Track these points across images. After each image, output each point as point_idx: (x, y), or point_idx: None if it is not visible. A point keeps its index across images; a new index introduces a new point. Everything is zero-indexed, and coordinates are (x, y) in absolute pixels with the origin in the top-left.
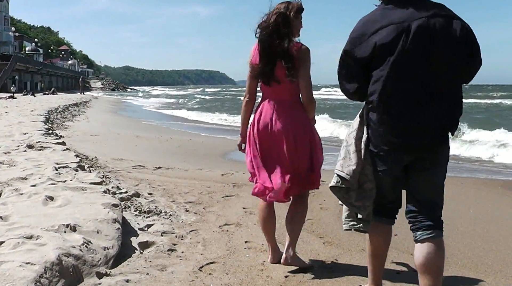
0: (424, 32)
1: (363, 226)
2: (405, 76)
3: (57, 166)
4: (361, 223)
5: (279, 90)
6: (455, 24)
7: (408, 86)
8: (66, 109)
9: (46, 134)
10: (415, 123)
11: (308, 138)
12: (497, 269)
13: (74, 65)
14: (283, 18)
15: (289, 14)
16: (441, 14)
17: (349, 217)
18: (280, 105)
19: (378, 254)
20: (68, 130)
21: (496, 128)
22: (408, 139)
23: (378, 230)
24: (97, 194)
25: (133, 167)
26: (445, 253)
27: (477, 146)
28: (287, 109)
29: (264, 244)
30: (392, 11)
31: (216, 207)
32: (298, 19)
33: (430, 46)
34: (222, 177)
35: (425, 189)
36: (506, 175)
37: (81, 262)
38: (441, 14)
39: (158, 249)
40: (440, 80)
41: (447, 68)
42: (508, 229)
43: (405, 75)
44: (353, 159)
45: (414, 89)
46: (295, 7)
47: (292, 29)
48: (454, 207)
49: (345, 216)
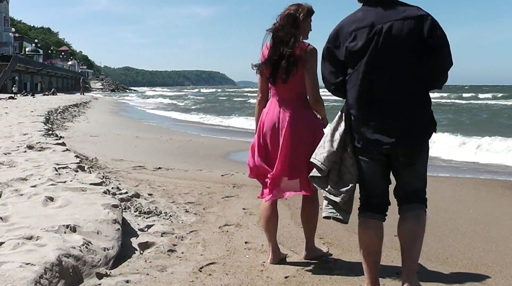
0: (394, 34)
1: (340, 215)
2: (376, 76)
3: (57, 166)
4: (339, 212)
5: (285, 89)
6: (425, 26)
7: (380, 86)
8: (66, 110)
9: (46, 135)
10: (388, 121)
11: (311, 138)
12: (497, 270)
13: (74, 66)
14: (292, 19)
15: (299, 16)
16: (411, 16)
17: (328, 205)
18: (286, 104)
19: (371, 252)
20: (68, 131)
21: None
22: (382, 136)
23: (368, 226)
24: (97, 194)
25: (133, 167)
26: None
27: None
28: (292, 108)
29: (264, 245)
30: (367, 13)
31: (216, 208)
32: (307, 21)
33: (399, 48)
34: (222, 177)
35: (407, 180)
36: (506, 175)
37: (81, 262)
38: (412, 16)
39: (158, 250)
40: (410, 81)
41: (414, 69)
42: (508, 229)
43: (376, 76)
44: (326, 146)
45: (385, 89)
46: (305, 10)
47: (300, 30)
48: (454, 208)
49: (325, 204)
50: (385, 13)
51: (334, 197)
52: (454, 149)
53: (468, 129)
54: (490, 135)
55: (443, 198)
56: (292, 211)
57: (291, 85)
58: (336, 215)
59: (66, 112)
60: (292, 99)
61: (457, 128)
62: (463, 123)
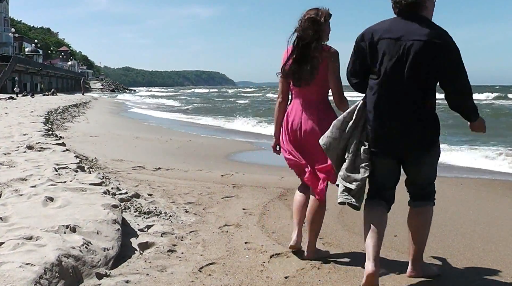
0: (417, 52)
1: (355, 201)
2: (393, 87)
3: (57, 166)
4: (354, 199)
5: (308, 91)
6: (443, 50)
7: (396, 96)
8: (66, 110)
9: (46, 135)
10: (401, 127)
11: None
12: (496, 270)
13: (74, 66)
14: (313, 23)
15: (320, 19)
16: (434, 39)
17: (343, 192)
18: (308, 105)
19: (374, 234)
20: (68, 131)
21: None
22: (395, 140)
23: (374, 208)
24: (97, 194)
25: (133, 167)
26: (431, 218)
27: None
28: (315, 110)
29: (264, 245)
30: (398, 25)
31: (216, 208)
32: (327, 24)
33: (417, 66)
34: (222, 177)
35: (416, 178)
36: (506, 176)
37: (81, 263)
38: (435, 38)
39: (158, 250)
40: (421, 95)
41: (429, 86)
42: (508, 230)
43: (393, 87)
44: (334, 133)
45: (400, 100)
46: (324, 13)
47: (321, 33)
48: (454, 208)
49: (340, 190)
50: (413, 29)
51: (349, 184)
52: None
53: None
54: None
55: (443, 198)
56: (291, 211)
57: (314, 87)
58: (351, 201)
59: (66, 113)
60: (316, 101)
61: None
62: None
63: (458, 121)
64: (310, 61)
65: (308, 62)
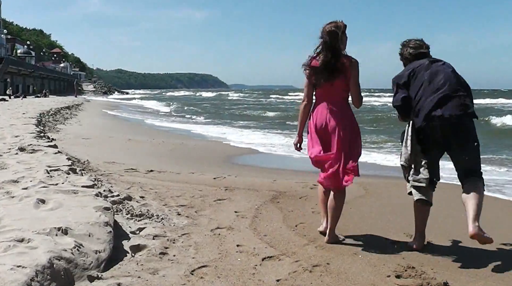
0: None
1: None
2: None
3: (48, 168)
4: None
5: (333, 93)
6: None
7: None
8: (58, 112)
9: (37, 137)
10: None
11: (356, 131)
12: (487, 274)
13: (66, 68)
14: (336, 35)
15: (340, 32)
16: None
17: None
18: (334, 105)
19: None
20: (60, 133)
21: None
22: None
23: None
24: (89, 197)
25: (125, 170)
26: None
27: None
28: (340, 109)
29: (256, 248)
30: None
31: (208, 211)
32: (345, 35)
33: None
34: (214, 180)
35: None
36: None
37: (72, 265)
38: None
39: (150, 253)
40: None
41: None
42: (498, 235)
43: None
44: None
45: None
46: (342, 26)
47: (342, 44)
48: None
49: (414, 192)
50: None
51: (420, 184)
52: None
53: None
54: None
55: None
56: (284, 214)
57: (338, 90)
58: (424, 198)
59: (58, 115)
60: (339, 102)
61: None
62: None
63: None
64: (337, 68)
65: (335, 69)
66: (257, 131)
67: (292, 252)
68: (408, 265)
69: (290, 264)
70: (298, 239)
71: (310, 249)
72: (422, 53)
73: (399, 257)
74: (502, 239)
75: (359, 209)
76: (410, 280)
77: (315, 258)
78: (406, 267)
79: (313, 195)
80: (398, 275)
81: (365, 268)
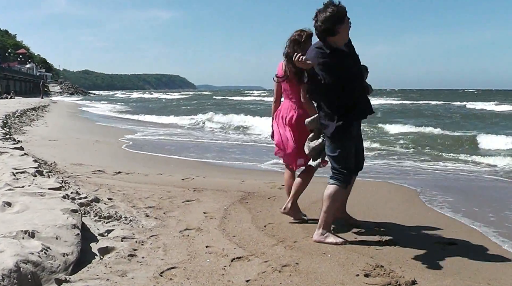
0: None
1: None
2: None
3: (14, 171)
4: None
5: (298, 93)
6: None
7: None
8: (24, 113)
9: (3, 139)
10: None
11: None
12: (455, 271)
13: (32, 69)
14: (297, 43)
15: (301, 40)
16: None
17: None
18: (294, 104)
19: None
20: (26, 135)
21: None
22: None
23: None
24: (56, 199)
25: (93, 171)
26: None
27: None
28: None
29: (225, 249)
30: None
31: (177, 212)
32: (308, 43)
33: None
34: (182, 181)
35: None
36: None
37: (39, 268)
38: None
39: (118, 255)
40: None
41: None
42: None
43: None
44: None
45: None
46: (305, 34)
47: (302, 51)
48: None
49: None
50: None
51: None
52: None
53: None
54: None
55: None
56: (253, 215)
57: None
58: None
59: (24, 116)
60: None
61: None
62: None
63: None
64: (296, 73)
65: (294, 73)
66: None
67: (261, 252)
68: (376, 264)
69: (259, 264)
70: (267, 239)
71: (279, 249)
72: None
73: (367, 256)
74: (466, 236)
75: None
76: (378, 279)
77: (284, 258)
78: (374, 266)
79: (282, 195)
80: (367, 274)
81: (334, 268)
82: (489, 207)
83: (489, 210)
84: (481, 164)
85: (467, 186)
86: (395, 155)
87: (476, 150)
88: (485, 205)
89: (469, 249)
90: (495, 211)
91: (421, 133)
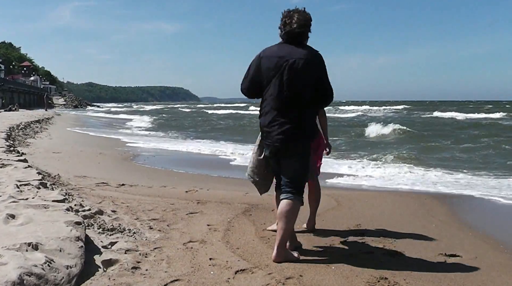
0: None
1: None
2: (275, 94)
3: (18, 183)
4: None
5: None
6: (310, 64)
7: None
8: (28, 126)
9: (7, 152)
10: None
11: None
12: (460, 283)
13: (37, 82)
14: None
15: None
16: (304, 57)
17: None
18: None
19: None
20: (30, 147)
21: None
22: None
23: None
24: (60, 211)
25: (96, 184)
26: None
27: None
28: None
29: (229, 261)
30: (282, 48)
31: (180, 224)
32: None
33: (293, 77)
34: (186, 194)
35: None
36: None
37: (43, 281)
38: (305, 57)
39: (122, 267)
40: (293, 100)
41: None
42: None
43: (275, 94)
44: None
45: (278, 105)
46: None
47: None
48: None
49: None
50: (291, 51)
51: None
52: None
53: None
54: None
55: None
56: (256, 227)
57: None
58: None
59: (28, 129)
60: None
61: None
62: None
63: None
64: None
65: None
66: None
67: (265, 265)
68: (381, 276)
69: (263, 276)
70: (271, 251)
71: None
72: None
73: (372, 268)
74: (471, 248)
75: (331, 221)
76: None
77: (288, 270)
78: (379, 278)
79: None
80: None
81: (338, 280)
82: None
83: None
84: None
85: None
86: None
87: None
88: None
89: (474, 261)
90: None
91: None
